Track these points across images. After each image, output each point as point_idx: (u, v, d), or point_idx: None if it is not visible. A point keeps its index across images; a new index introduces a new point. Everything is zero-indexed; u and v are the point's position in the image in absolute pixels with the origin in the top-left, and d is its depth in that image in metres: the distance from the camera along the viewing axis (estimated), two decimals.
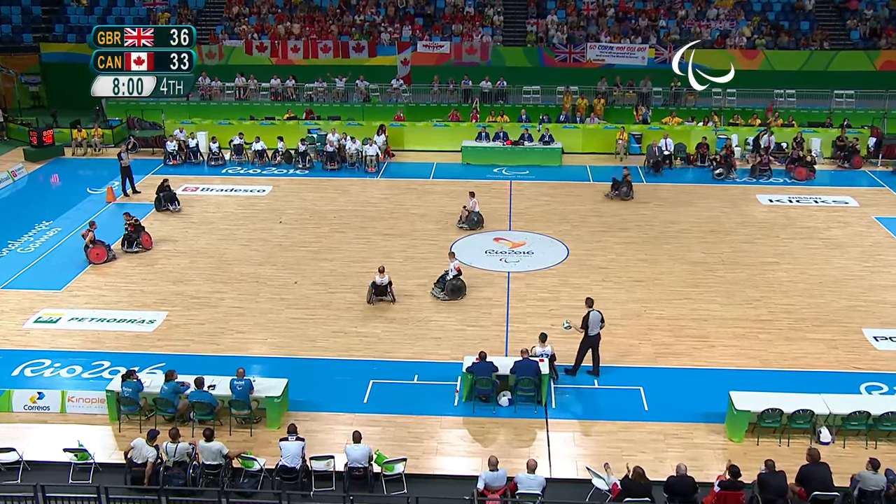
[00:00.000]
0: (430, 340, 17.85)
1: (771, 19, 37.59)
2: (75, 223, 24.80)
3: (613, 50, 35.22)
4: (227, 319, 18.87)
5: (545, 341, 16.20)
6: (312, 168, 30.27)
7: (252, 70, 36.08)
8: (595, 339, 16.26)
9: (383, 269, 19.83)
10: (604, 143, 32.06)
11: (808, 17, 37.59)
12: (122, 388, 14.78)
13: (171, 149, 30.91)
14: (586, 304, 16.35)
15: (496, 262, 22.01)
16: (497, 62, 36.37)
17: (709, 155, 30.25)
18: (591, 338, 16.23)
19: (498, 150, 30.88)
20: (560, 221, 24.90)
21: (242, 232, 24.22)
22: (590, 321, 16.13)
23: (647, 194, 27.42)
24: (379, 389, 16.00)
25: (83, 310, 19.33)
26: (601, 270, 21.42)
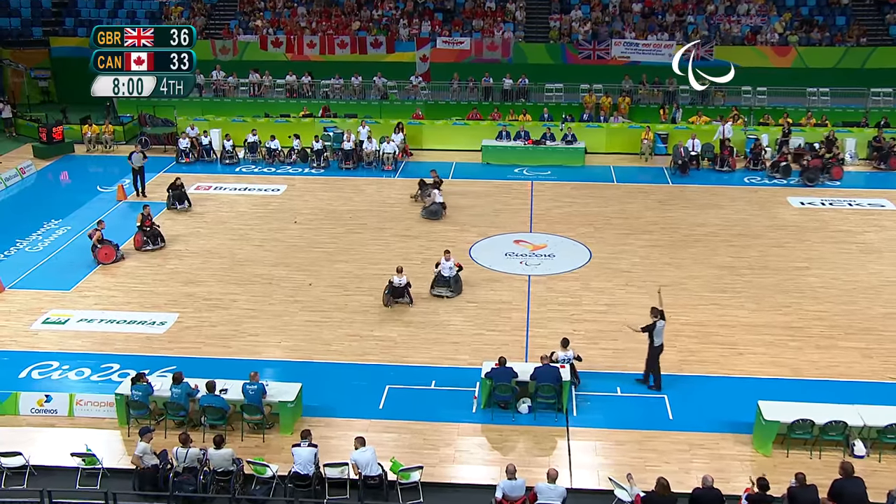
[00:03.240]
0: (448, 345, 17.85)
1: (804, 14, 37.20)
2: (85, 222, 25.00)
3: (639, 47, 35.07)
4: (239, 322, 18.96)
5: (567, 346, 16.16)
6: (328, 167, 30.37)
7: (267, 66, 36.27)
8: (660, 350, 16.10)
9: (401, 269, 19.83)
10: (628, 143, 31.94)
11: (844, 12, 37.19)
12: (132, 391, 14.88)
13: (184, 146, 31.13)
14: (652, 314, 16.08)
15: (516, 264, 21.98)
16: (519, 59, 36.33)
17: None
18: (655, 348, 16.07)
19: (519, 150, 30.84)
20: (582, 223, 24.83)
21: (256, 232, 24.34)
22: (655, 330, 15.97)
23: (673, 196, 27.30)
24: (395, 395, 16.01)
25: (92, 311, 19.49)
26: (625, 274, 21.33)
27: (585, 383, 16.26)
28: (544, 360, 15.53)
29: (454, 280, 19.97)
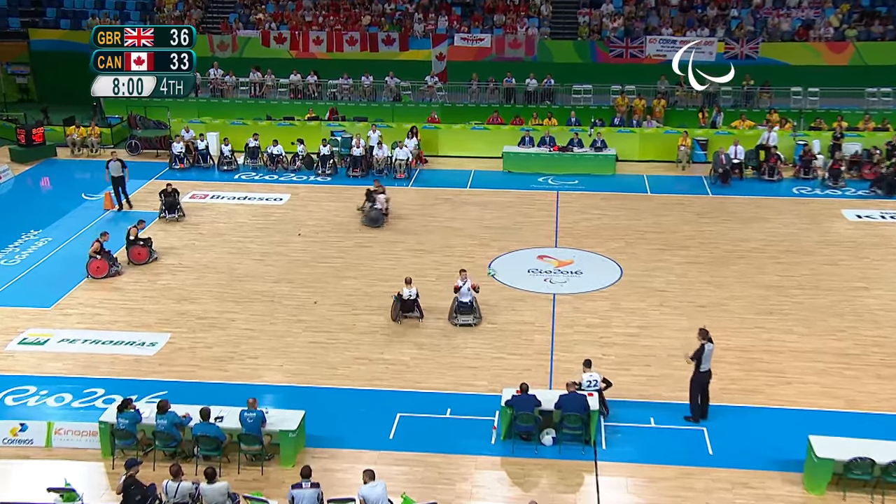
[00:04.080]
0: (465, 370, 17.86)
1: (865, 5, 36.81)
2: (67, 233, 25.25)
3: (676, 44, 35.02)
4: (237, 343, 19.06)
5: (590, 367, 16.19)
6: (335, 174, 30.54)
7: (269, 64, 36.57)
8: (707, 376, 16.04)
9: (410, 280, 20.03)
10: (664, 150, 31.93)
11: None
12: (118, 419, 14.88)
13: (178, 151, 31.38)
14: (700, 335, 16.02)
15: (540, 282, 21.98)
16: (544, 58, 36.45)
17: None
18: (702, 374, 15.99)
19: (543, 157, 30.90)
20: (613, 238, 24.82)
21: (256, 245, 24.49)
22: (703, 355, 15.91)
23: (713, 208, 27.25)
24: (407, 424, 16.02)
25: (75, 330, 19.59)
26: (659, 294, 21.29)
27: (615, 413, 16.20)
28: (571, 386, 15.49)
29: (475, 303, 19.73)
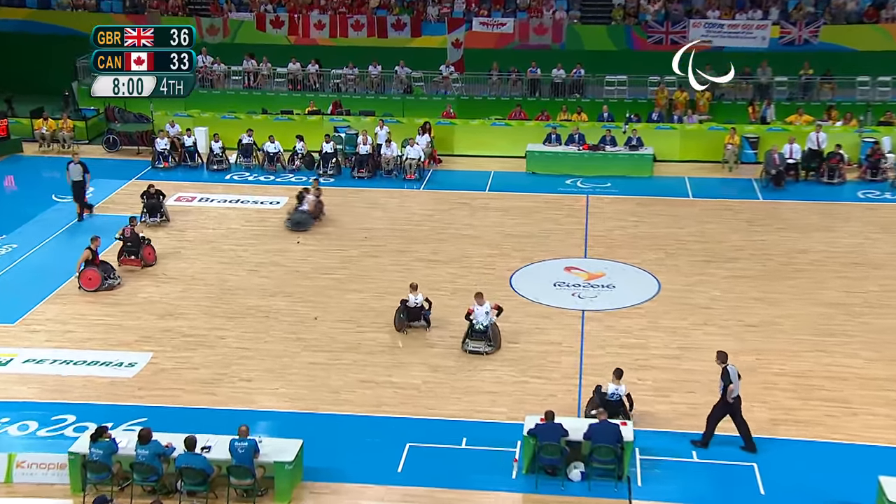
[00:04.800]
0: (483, 395, 17.87)
1: None
2: (35, 239, 25.45)
3: (724, 29, 35.06)
4: (228, 363, 19.15)
5: (621, 378, 16.49)
6: (339, 175, 30.68)
7: (265, 51, 36.78)
8: (739, 403, 16.06)
9: (416, 286, 20.25)
10: (708, 149, 31.88)
11: None
12: (91, 449, 14.88)
13: (162, 148, 31.60)
14: (719, 359, 16.13)
15: (567, 297, 22.00)
16: (573, 45, 36.51)
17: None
18: (731, 402, 16.01)
19: (572, 157, 30.92)
20: (650, 248, 24.81)
21: (250, 254, 24.62)
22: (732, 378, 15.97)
23: (764, 214, 27.21)
24: (417, 455, 16.03)
25: (43, 349, 19.68)
26: (703, 311, 21.26)
27: (653, 445, 16.18)
28: (602, 414, 15.44)
29: (492, 329, 19.56)
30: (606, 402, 16.51)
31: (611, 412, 16.15)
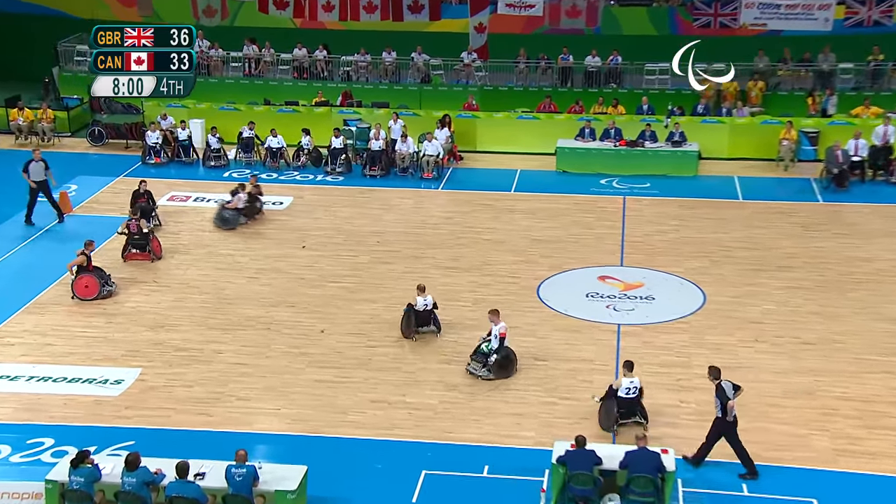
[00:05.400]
0: (507, 417, 17.86)
1: None
2: (11, 242, 25.65)
3: (781, 9, 34.90)
4: (225, 381, 19.21)
5: (632, 370, 17.13)
6: (349, 172, 30.80)
7: (268, 35, 37.02)
8: (735, 424, 16.15)
9: (424, 287, 20.58)
10: (760, 145, 31.82)
11: None
12: (71, 477, 14.86)
13: (154, 142, 31.79)
14: (712, 375, 16.36)
15: (601, 309, 21.98)
16: (610, 29, 36.53)
17: None
18: (731, 422, 16.12)
19: (607, 154, 30.92)
20: (694, 255, 24.78)
21: (249, 259, 24.74)
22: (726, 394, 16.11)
23: (824, 219, 27.16)
24: (434, 484, 16.03)
25: (18, 364, 19.76)
26: (753, 326, 21.20)
27: (698, 476, 16.11)
28: (641, 441, 15.39)
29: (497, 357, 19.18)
30: (623, 401, 17.14)
31: (629, 411, 17.12)
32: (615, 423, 17.19)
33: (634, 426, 17.14)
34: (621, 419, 17.29)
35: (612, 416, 17.18)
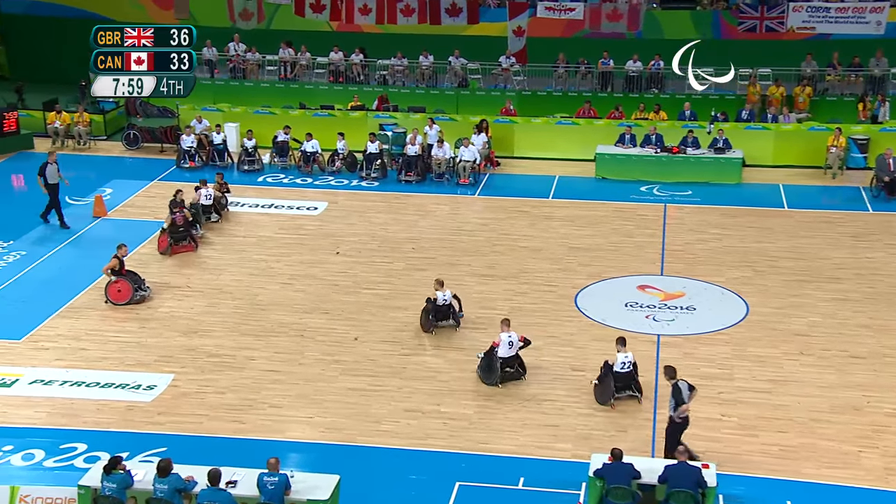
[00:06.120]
0: (543, 428, 17.81)
1: None
2: (46, 246, 25.89)
3: (830, 13, 34.62)
4: (257, 388, 19.28)
5: (625, 345, 18.33)
6: (384, 178, 30.86)
7: (304, 38, 37.16)
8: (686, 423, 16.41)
9: (443, 282, 21.21)
10: (807, 152, 31.60)
11: None
12: (104, 483, 14.96)
13: (188, 146, 32.00)
14: (667, 374, 16.63)
15: (640, 319, 21.91)
16: (652, 33, 36.38)
17: None
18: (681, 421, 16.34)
19: (648, 161, 30.81)
20: (737, 265, 24.63)
21: (284, 265, 24.83)
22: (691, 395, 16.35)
23: (875, 229, 26.91)
24: (468, 495, 16.00)
25: (52, 369, 19.91)
26: (798, 339, 21.02)
27: (740, 493, 15.95)
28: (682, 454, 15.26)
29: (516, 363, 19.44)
30: (619, 375, 18.30)
31: (625, 385, 18.37)
32: (612, 397, 18.29)
33: (629, 399, 18.39)
34: (617, 393, 18.38)
35: (610, 391, 18.30)
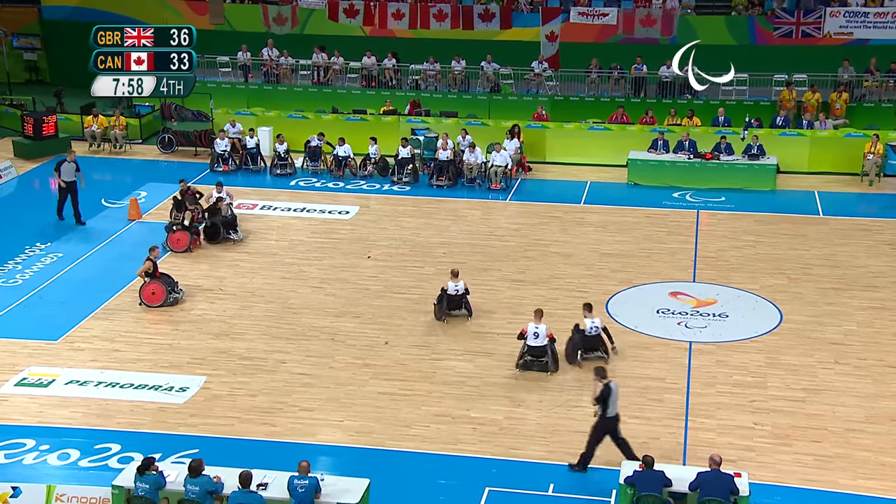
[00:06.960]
0: (574, 435, 17.74)
1: None
2: (83, 247, 26.18)
3: (869, 17, 34.40)
4: (288, 391, 19.42)
5: (592, 310, 19.95)
6: (416, 182, 30.96)
7: (337, 43, 37.33)
8: (615, 421, 16.54)
9: (458, 273, 22.08)
10: (843, 159, 31.41)
11: None
12: (137, 483, 15.12)
13: (222, 149, 32.25)
14: (598, 375, 16.65)
15: (672, 326, 21.86)
16: (686, 38, 36.05)
17: None
18: (608, 419, 16.47)
19: (681, 167, 30.73)
20: (770, 272, 24.52)
21: (315, 269, 24.96)
22: (611, 397, 16.36)
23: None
24: (498, 501, 16.03)
25: (87, 370, 20.16)
26: (834, 347, 20.90)
27: (773, 502, 15.88)
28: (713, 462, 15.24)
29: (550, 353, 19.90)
30: (587, 338, 19.94)
31: (590, 346, 20.01)
32: (579, 356, 19.93)
33: (597, 359, 19.77)
34: (585, 353, 20.08)
35: (577, 351, 19.98)
